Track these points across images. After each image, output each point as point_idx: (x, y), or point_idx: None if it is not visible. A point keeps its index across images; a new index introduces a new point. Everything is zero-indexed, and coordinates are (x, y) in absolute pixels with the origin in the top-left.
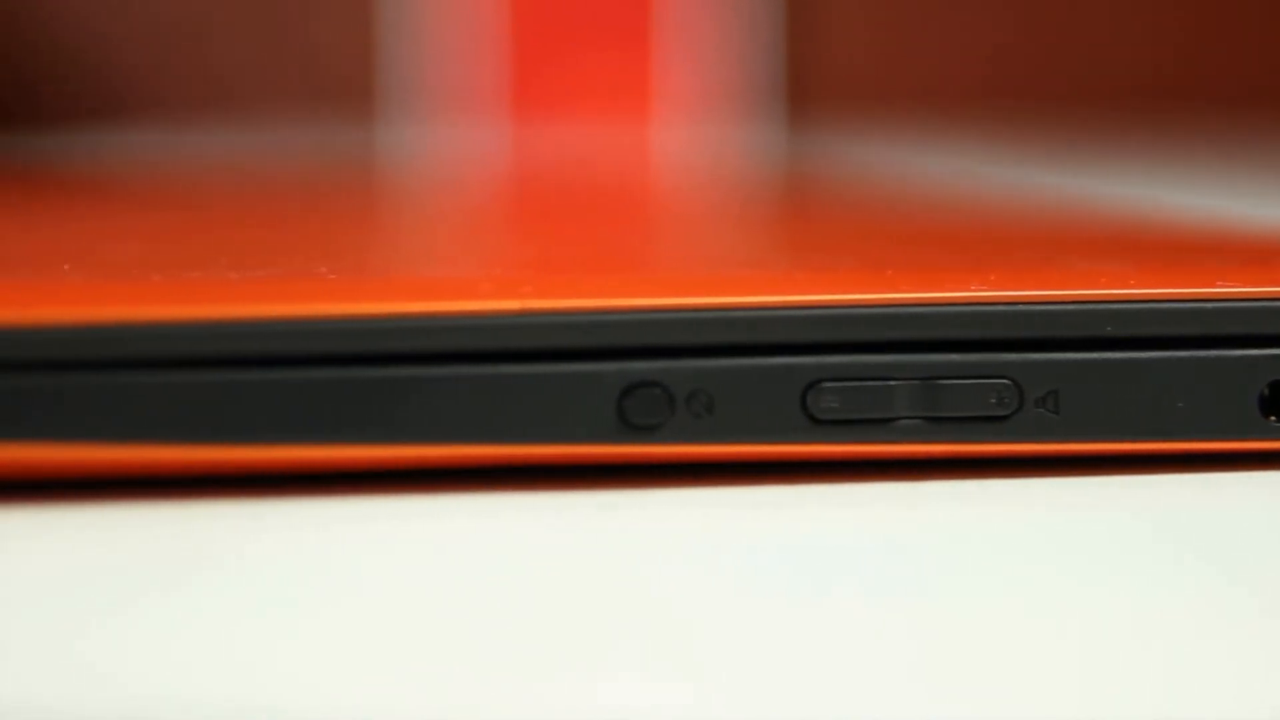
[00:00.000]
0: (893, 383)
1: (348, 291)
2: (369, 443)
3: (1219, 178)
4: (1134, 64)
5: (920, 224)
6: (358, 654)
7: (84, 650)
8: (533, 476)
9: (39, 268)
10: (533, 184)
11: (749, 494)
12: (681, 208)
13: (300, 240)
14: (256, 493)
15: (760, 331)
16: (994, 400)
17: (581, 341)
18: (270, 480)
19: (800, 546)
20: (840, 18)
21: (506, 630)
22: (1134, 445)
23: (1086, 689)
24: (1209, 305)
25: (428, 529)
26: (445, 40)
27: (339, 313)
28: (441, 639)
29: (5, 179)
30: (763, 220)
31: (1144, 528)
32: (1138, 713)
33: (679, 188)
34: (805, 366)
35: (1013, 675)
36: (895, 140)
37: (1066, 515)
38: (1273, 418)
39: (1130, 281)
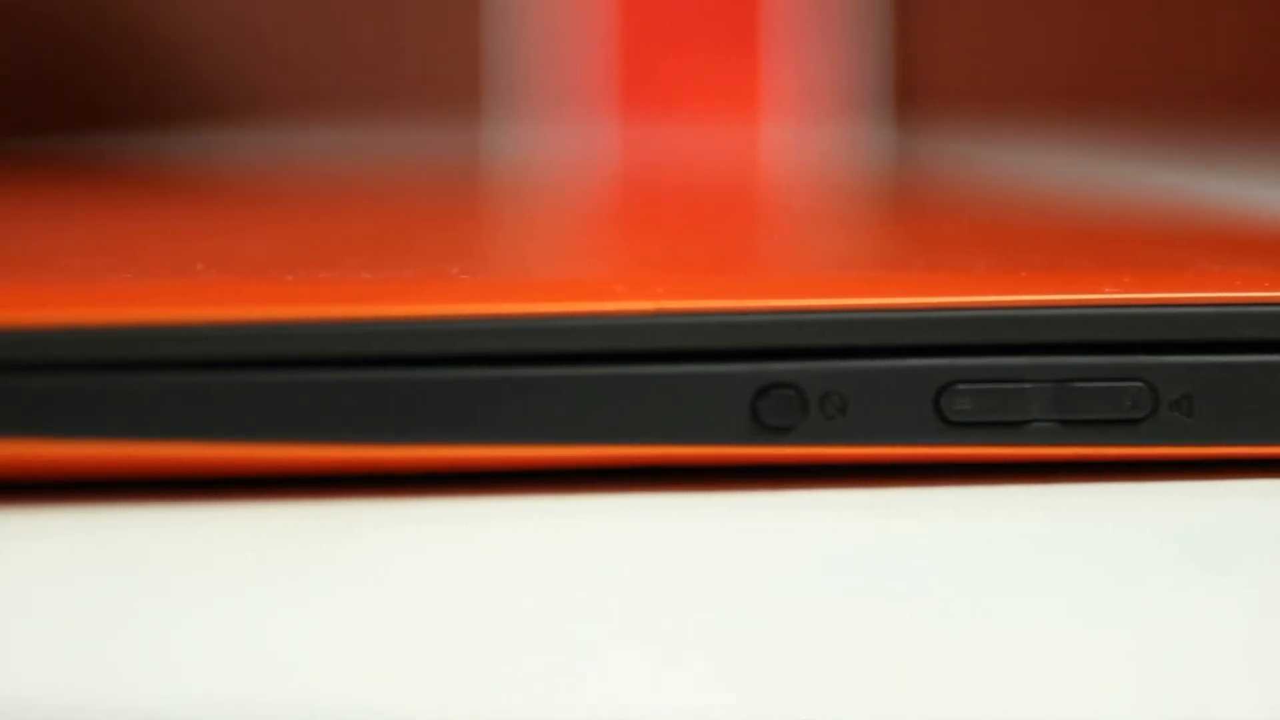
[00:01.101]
0: (1026, 385)
1: (483, 292)
2: (503, 443)
3: None
4: (1246, 61)
5: (1039, 224)
6: (496, 650)
7: (199, 651)
8: (665, 477)
9: (175, 268)
10: (644, 185)
11: (880, 496)
12: (795, 209)
13: (422, 241)
14: (398, 492)
15: (895, 333)
16: (1128, 403)
17: (715, 342)
18: (409, 479)
19: (932, 549)
20: (947, 17)
21: (635, 630)
22: (1268, 449)
23: (1237, 694)
24: None
25: (559, 529)
26: (553, 40)
27: (476, 313)
28: (570, 639)
29: (126, 180)
30: (878, 221)
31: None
32: None
33: (790, 188)
34: (939, 368)
35: (1153, 681)
36: (1003, 140)
37: (1200, 520)
38: None
39: (1265, 283)
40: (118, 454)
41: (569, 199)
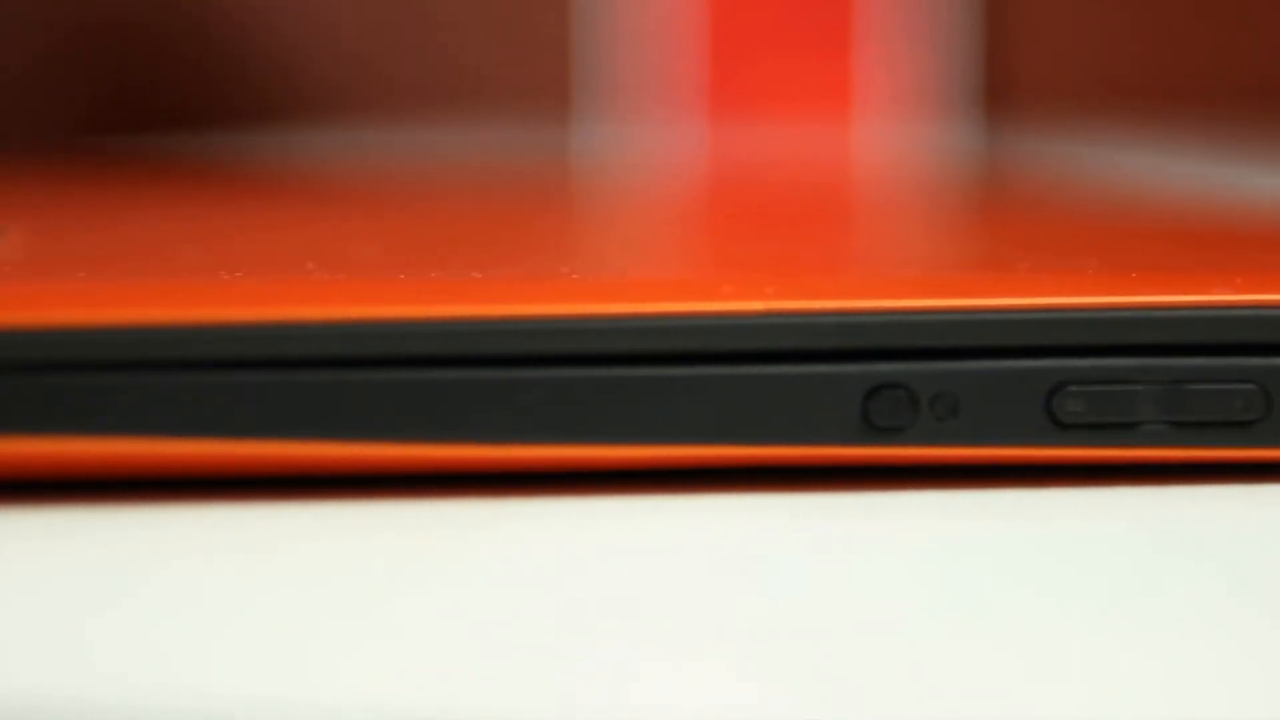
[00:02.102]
0: (1138, 387)
1: (596, 292)
2: (613, 443)
3: None
4: None
5: (1140, 224)
6: (598, 648)
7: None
8: (775, 478)
9: (285, 268)
10: (736, 185)
11: (990, 497)
12: (890, 208)
13: (522, 241)
14: (516, 492)
15: (1007, 334)
16: (1240, 405)
17: (826, 343)
18: (516, 479)
19: (1042, 550)
20: (1039, 15)
21: (742, 630)
22: None
23: None
24: None
25: (668, 529)
26: (642, 40)
27: (589, 313)
28: (676, 637)
29: (215, 179)
30: (975, 221)
31: None
32: None
33: (884, 188)
34: (1050, 370)
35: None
36: (1095, 139)
37: None
38: None
39: None
40: (242, 452)
41: (663, 199)
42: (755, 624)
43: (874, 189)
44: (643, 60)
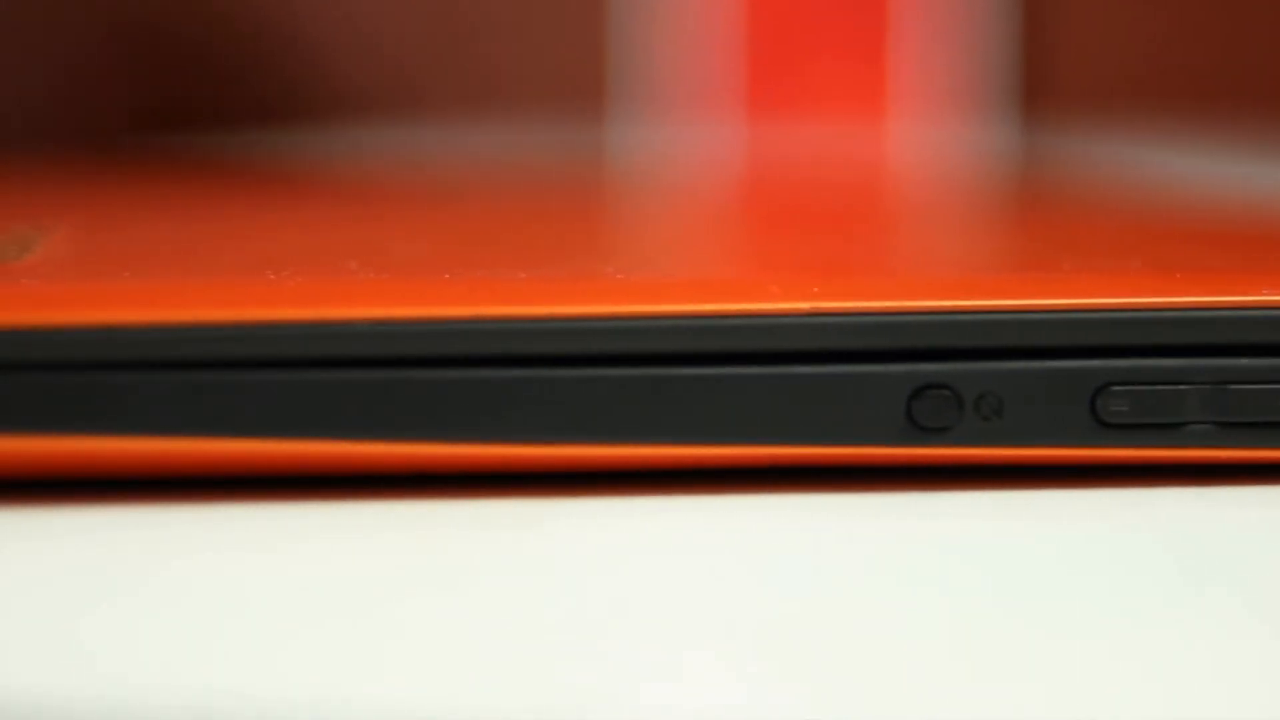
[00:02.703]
0: (1183, 387)
1: (641, 292)
2: (658, 442)
3: None
4: None
5: (1182, 224)
6: (640, 647)
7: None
8: (817, 477)
9: (329, 268)
10: (774, 184)
11: (1034, 498)
12: (929, 208)
13: (565, 240)
14: (567, 491)
15: (1051, 334)
16: None
17: (871, 343)
18: (563, 478)
19: (1086, 551)
20: (1075, 15)
21: (785, 630)
22: None
23: None
24: None
25: (713, 528)
26: (677, 38)
27: (635, 312)
28: (716, 639)
29: (253, 178)
30: (1015, 220)
31: None
32: None
33: (923, 187)
34: (1095, 370)
35: None
36: (1132, 138)
37: None
38: None
39: None
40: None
41: (701, 198)
42: (798, 624)
43: (912, 188)
44: (679, 59)
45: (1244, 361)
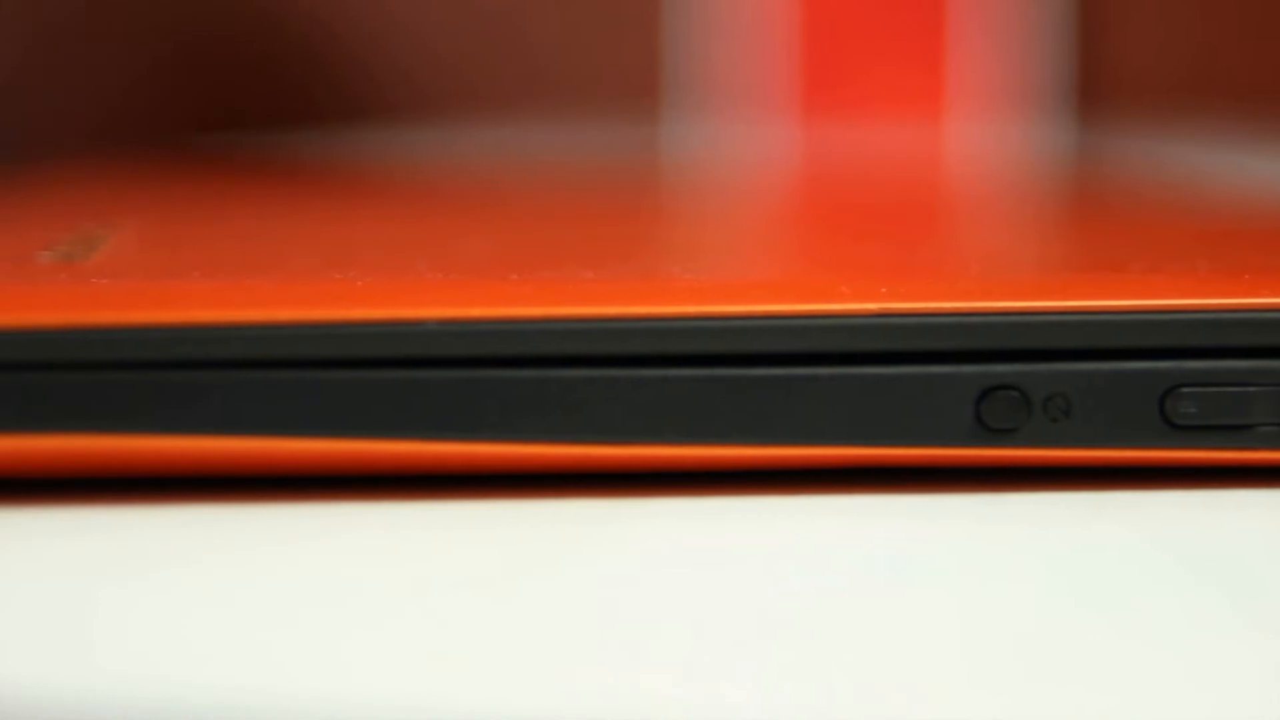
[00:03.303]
0: (1252, 389)
1: (710, 293)
2: (726, 443)
3: None
4: None
5: (1245, 223)
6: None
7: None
8: (882, 477)
9: (392, 267)
10: (834, 183)
11: (1102, 499)
12: (989, 208)
13: (625, 239)
14: (634, 491)
15: (1121, 336)
16: None
17: (940, 344)
18: (635, 479)
19: (1156, 552)
20: (1132, 12)
21: (853, 629)
22: None
23: None
24: None
25: (782, 529)
26: (733, 37)
27: (705, 313)
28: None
29: (312, 178)
30: (1077, 221)
31: None
32: None
33: (981, 187)
34: (1164, 371)
35: None
36: (1191, 136)
37: None
38: None
39: None
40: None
41: (760, 198)
42: (864, 625)
43: (970, 187)
44: (734, 58)
45: None
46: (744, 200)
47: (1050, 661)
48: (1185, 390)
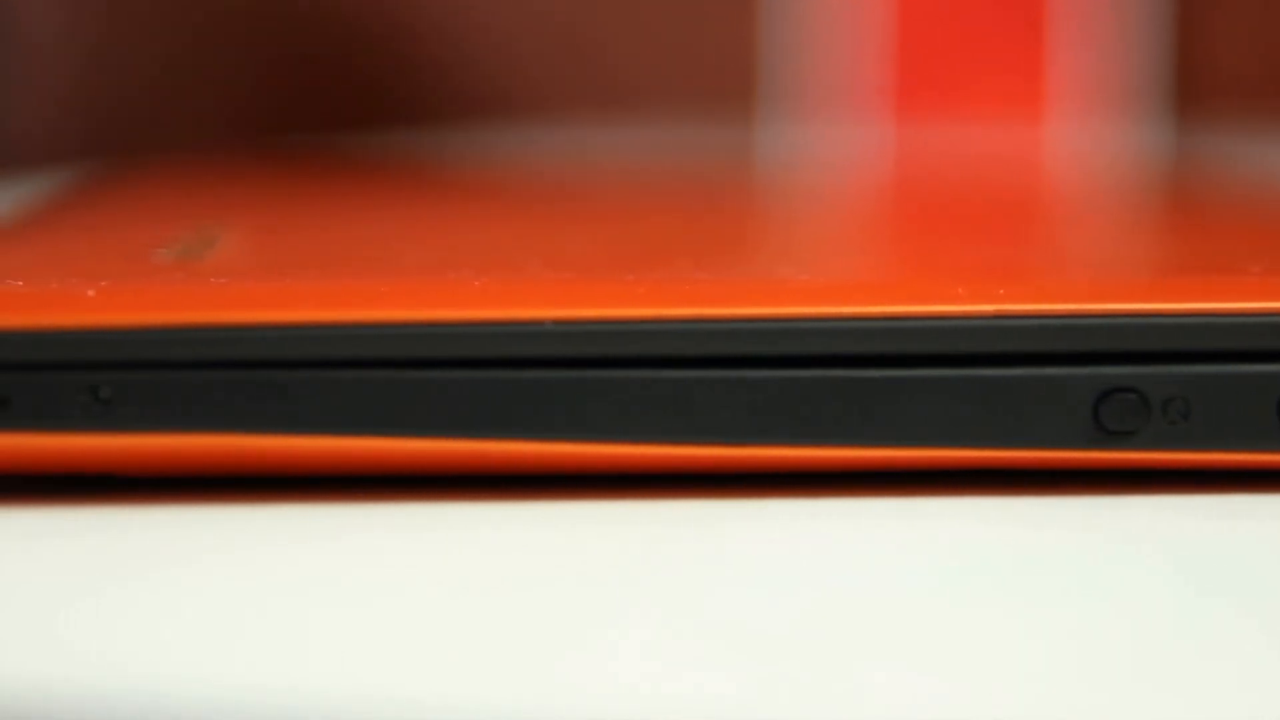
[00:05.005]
0: None
1: (828, 294)
2: (844, 444)
3: None
4: None
5: None
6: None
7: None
8: (999, 480)
9: (506, 267)
10: (932, 185)
11: (1220, 503)
12: (1095, 208)
13: (733, 240)
14: (729, 492)
15: (1240, 338)
16: None
17: (1058, 346)
18: (747, 479)
19: (1273, 556)
20: (1230, 13)
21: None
22: None
23: None
24: None
25: (899, 530)
26: (828, 37)
27: (823, 314)
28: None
29: (421, 177)
30: (1184, 221)
31: None
32: None
33: (1085, 187)
34: None
35: None
36: None
37: None
38: None
39: None
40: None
41: (859, 199)
42: (986, 627)
43: (1073, 188)
44: (830, 58)
45: None
46: (846, 201)
47: (1178, 666)
48: None
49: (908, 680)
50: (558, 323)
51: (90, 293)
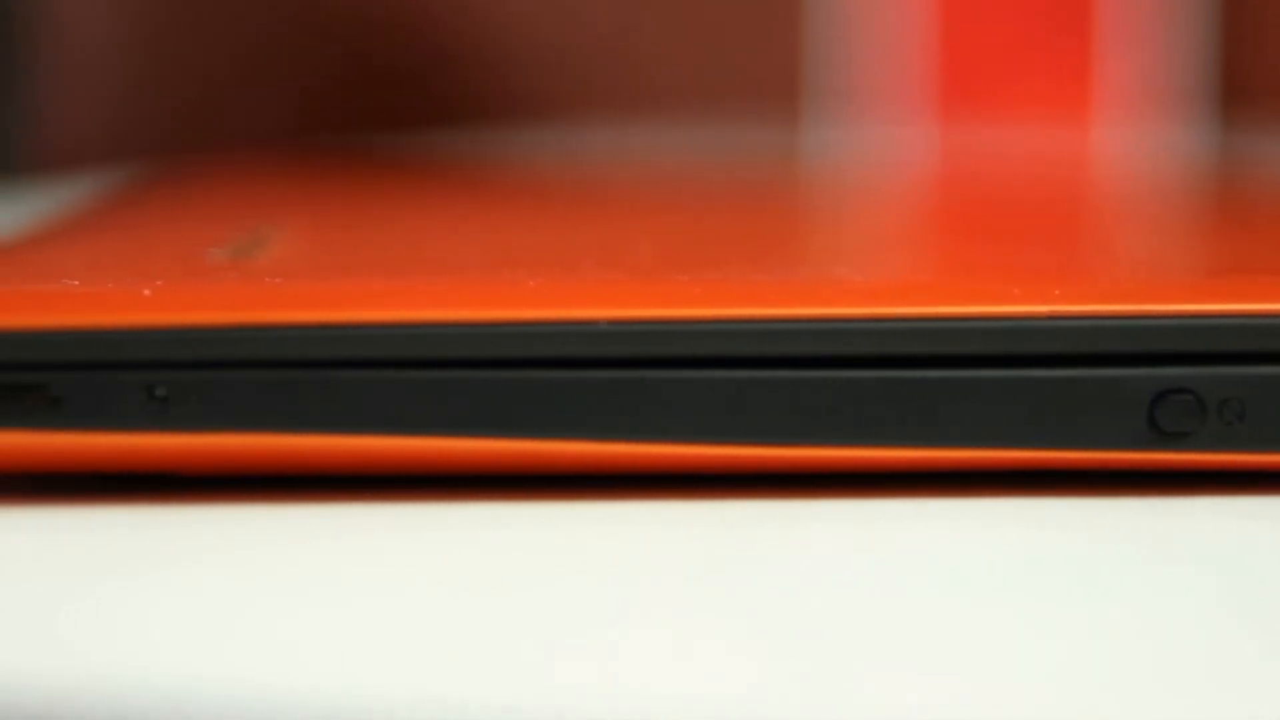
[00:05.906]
0: None
1: (881, 295)
2: (898, 445)
3: None
4: None
5: None
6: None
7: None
8: (1050, 481)
9: (560, 267)
10: (980, 186)
11: (1275, 504)
12: (1145, 210)
13: (784, 241)
14: (786, 493)
15: None
16: None
17: (1114, 347)
18: (801, 480)
19: None
20: (1278, 14)
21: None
22: None
23: None
24: None
25: (953, 531)
26: (873, 38)
27: (880, 314)
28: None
29: (468, 178)
30: (1235, 222)
31: None
32: None
33: (1134, 189)
34: None
35: None
36: None
37: None
38: None
39: None
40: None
41: (910, 200)
42: (1042, 627)
43: (1123, 190)
44: (876, 60)
45: None
46: (895, 202)
47: (1236, 669)
48: None
49: (956, 686)
50: (613, 323)
51: (146, 292)
